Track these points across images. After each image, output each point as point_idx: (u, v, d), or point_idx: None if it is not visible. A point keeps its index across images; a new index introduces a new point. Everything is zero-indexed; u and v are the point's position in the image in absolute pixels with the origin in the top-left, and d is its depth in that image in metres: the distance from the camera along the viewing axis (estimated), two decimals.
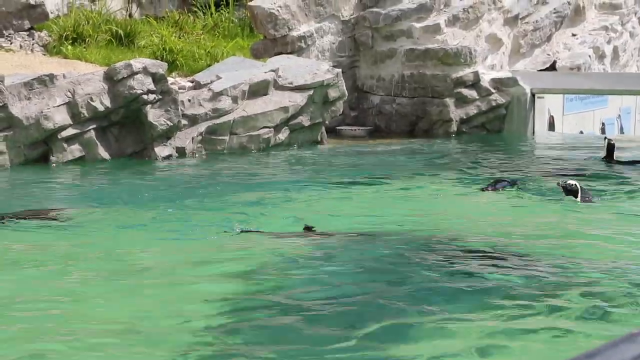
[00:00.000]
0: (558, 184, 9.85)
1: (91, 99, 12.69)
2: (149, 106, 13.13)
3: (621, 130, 19.98)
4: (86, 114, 12.66)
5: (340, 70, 15.29)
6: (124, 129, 13.20)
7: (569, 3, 19.26)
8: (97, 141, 12.85)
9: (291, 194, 10.10)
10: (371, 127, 16.89)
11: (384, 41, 17.04)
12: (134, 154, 13.23)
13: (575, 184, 9.50)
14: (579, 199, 9.40)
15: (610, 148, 9.62)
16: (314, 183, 10.93)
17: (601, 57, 19.94)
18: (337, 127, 16.43)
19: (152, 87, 13.08)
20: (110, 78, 12.91)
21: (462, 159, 13.48)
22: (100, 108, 12.76)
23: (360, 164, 12.92)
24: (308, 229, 7.89)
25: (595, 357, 1.84)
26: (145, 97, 13.04)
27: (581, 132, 18.28)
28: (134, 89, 12.92)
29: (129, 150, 13.24)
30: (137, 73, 12.96)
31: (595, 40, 19.72)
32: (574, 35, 19.58)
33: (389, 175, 11.37)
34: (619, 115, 20.07)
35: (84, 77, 12.89)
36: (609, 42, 20.23)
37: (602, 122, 19.40)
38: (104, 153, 12.91)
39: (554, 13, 18.94)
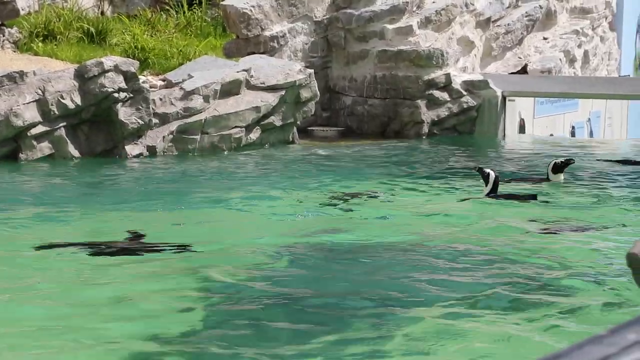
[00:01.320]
0: (475, 168, 10.07)
1: (62, 97, 12.62)
2: (119, 104, 13.06)
3: (590, 134, 20.10)
4: (56, 112, 12.58)
5: (312, 70, 15.28)
6: (95, 127, 13.13)
7: (540, 7, 19.35)
8: (67, 139, 12.77)
9: (251, 195, 10.04)
10: (343, 127, 16.89)
11: (357, 42, 17.05)
12: (104, 152, 13.15)
13: (490, 173, 9.67)
14: (486, 190, 9.56)
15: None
16: (281, 183, 10.91)
17: (572, 60, 20.06)
18: (309, 128, 16.42)
19: (123, 85, 13.01)
20: (81, 76, 12.84)
21: (430, 161, 13.54)
22: (71, 106, 12.68)
23: (330, 165, 12.93)
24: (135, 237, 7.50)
25: (561, 359, 1.85)
26: (116, 95, 12.97)
27: (551, 135, 18.38)
28: (105, 87, 12.85)
29: (99, 148, 13.17)
30: (108, 71, 12.90)
31: (566, 44, 19.83)
32: (545, 38, 19.68)
33: (357, 176, 11.39)
34: (589, 119, 20.19)
35: (55, 75, 12.81)
36: (579, 46, 20.35)
37: (572, 125, 19.52)
38: (74, 151, 12.83)
39: (526, 16, 19.02)
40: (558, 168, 10.70)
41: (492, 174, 9.74)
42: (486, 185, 9.77)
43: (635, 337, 1.90)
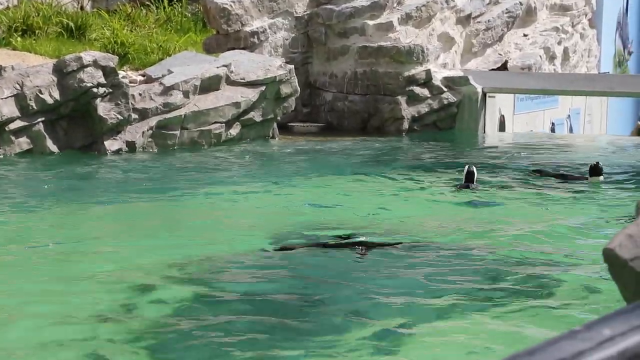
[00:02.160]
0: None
1: (40, 92, 12.54)
2: (98, 99, 13.00)
3: (570, 130, 20.17)
4: (35, 107, 12.50)
5: (292, 66, 15.25)
6: (73, 122, 13.06)
7: (520, 3, 19.39)
8: (45, 134, 12.70)
9: (231, 190, 10.02)
10: (323, 123, 16.87)
11: (337, 38, 17.03)
12: (83, 148, 13.08)
13: (468, 167, 9.80)
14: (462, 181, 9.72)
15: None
16: (259, 179, 10.89)
17: (552, 57, 20.11)
18: (289, 124, 16.39)
19: (102, 80, 12.95)
20: (59, 71, 12.77)
21: (410, 157, 13.55)
22: (49, 101, 12.61)
23: (310, 161, 12.92)
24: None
25: (536, 354, 1.84)
26: (95, 90, 12.90)
27: (531, 132, 18.42)
28: (84, 82, 12.79)
29: (78, 143, 13.10)
30: (87, 66, 12.83)
31: (546, 40, 19.88)
32: (525, 35, 19.73)
33: (336, 172, 11.39)
34: (569, 115, 20.26)
35: (33, 70, 12.73)
36: (559, 42, 20.41)
37: (551, 122, 19.57)
38: (52, 146, 12.76)
39: (506, 13, 19.06)
40: (596, 170, 10.46)
41: (469, 168, 9.86)
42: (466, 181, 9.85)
43: (609, 332, 1.90)
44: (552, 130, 19.43)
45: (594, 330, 1.92)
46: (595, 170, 10.40)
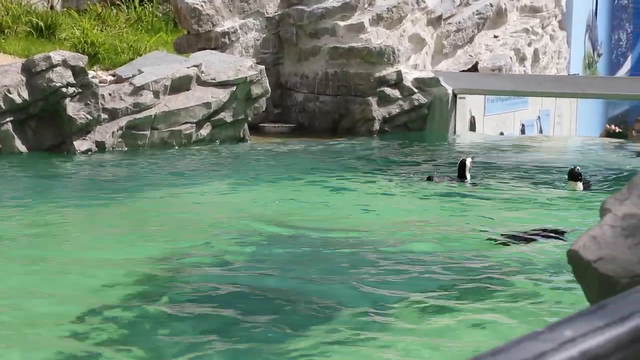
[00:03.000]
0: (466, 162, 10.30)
1: (8, 91, 12.45)
2: (68, 99, 12.92)
3: (540, 132, 20.27)
4: (3, 106, 12.41)
5: (263, 67, 15.23)
6: (43, 122, 12.98)
7: (491, 5, 19.47)
8: (14, 134, 12.61)
9: (201, 190, 9.99)
10: (294, 124, 16.87)
11: (308, 39, 17.03)
12: (52, 148, 13.01)
13: (464, 160, 9.90)
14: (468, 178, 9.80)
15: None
16: (228, 179, 10.87)
17: (522, 59, 20.22)
18: (260, 124, 16.38)
19: (71, 80, 12.87)
20: (28, 70, 12.68)
21: (379, 158, 13.60)
22: (18, 100, 12.52)
23: (280, 161, 12.92)
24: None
25: (500, 355, 1.85)
26: (64, 90, 12.83)
27: (501, 133, 18.51)
28: (53, 81, 12.71)
29: (47, 143, 13.02)
30: (56, 66, 12.75)
31: (516, 42, 19.98)
32: (495, 37, 19.81)
33: (304, 172, 11.40)
34: (539, 117, 20.36)
35: (2, 69, 12.64)
36: (529, 44, 20.51)
37: (521, 123, 19.67)
38: (21, 146, 12.67)
39: (477, 14, 19.13)
40: (573, 175, 10.40)
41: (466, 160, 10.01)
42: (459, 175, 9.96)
43: (571, 333, 1.91)
44: (522, 131, 19.52)
45: (556, 331, 1.93)
46: (572, 175, 10.37)
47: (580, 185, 10.30)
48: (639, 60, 26.41)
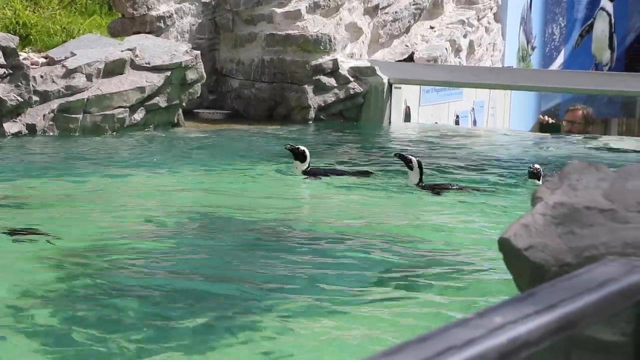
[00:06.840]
0: (395, 154, 10.18)
1: None
2: None
3: (474, 123, 20.43)
4: None
5: (199, 52, 15.12)
6: None
7: None
8: None
9: (129, 174, 9.89)
10: (229, 111, 16.77)
11: (245, 25, 16.93)
12: None
13: (412, 159, 9.77)
14: (414, 177, 9.71)
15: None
16: (159, 165, 10.78)
17: (457, 50, 20.34)
18: (195, 110, 16.24)
19: (2, 61, 12.65)
20: None
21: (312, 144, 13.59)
22: None
23: (212, 147, 12.86)
24: None
25: (427, 341, 1.83)
26: None
27: (436, 123, 18.61)
28: None
29: None
30: None
31: (452, 33, 20.09)
32: (432, 27, 19.90)
33: (236, 158, 11.36)
34: (473, 108, 20.51)
35: None
36: (465, 36, 20.64)
37: (456, 114, 19.79)
38: None
39: (413, 5, 19.19)
40: (534, 174, 10.36)
41: (415, 160, 9.76)
42: (412, 171, 9.78)
43: (501, 320, 1.90)
44: (457, 122, 19.64)
45: (485, 318, 1.93)
46: (533, 173, 10.39)
47: (539, 182, 10.31)
48: (572, 54, 26.73)
